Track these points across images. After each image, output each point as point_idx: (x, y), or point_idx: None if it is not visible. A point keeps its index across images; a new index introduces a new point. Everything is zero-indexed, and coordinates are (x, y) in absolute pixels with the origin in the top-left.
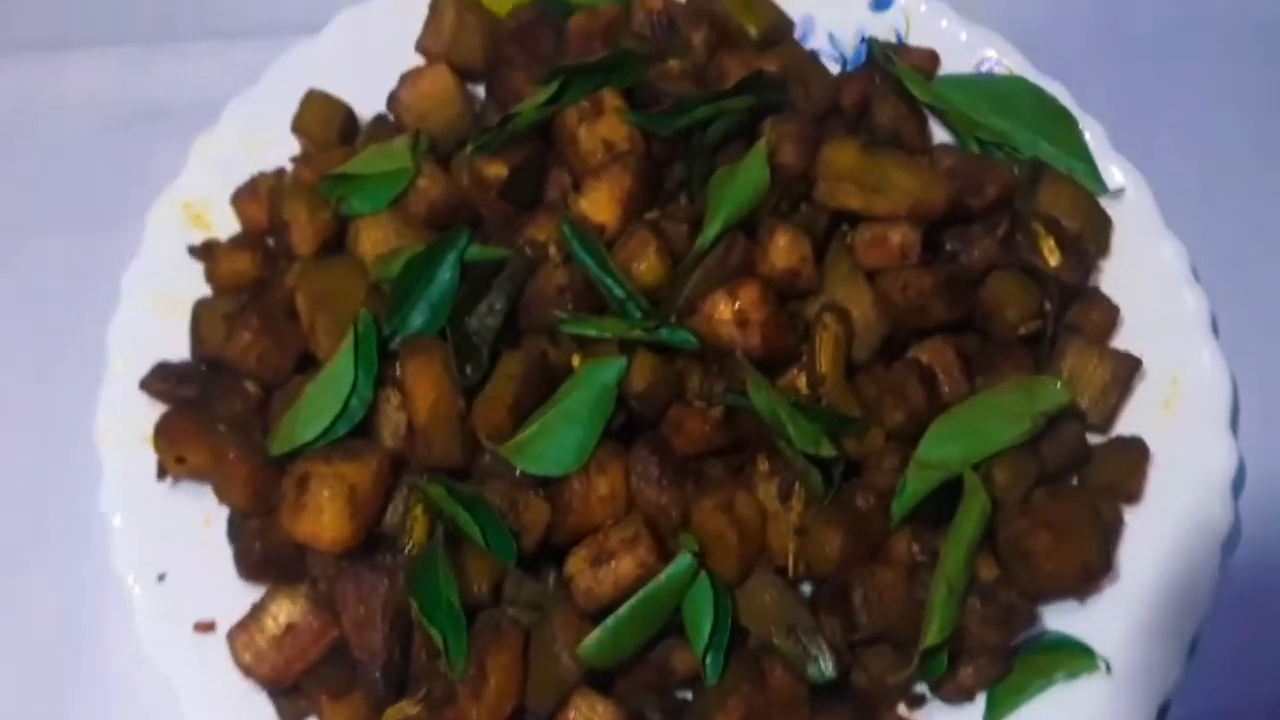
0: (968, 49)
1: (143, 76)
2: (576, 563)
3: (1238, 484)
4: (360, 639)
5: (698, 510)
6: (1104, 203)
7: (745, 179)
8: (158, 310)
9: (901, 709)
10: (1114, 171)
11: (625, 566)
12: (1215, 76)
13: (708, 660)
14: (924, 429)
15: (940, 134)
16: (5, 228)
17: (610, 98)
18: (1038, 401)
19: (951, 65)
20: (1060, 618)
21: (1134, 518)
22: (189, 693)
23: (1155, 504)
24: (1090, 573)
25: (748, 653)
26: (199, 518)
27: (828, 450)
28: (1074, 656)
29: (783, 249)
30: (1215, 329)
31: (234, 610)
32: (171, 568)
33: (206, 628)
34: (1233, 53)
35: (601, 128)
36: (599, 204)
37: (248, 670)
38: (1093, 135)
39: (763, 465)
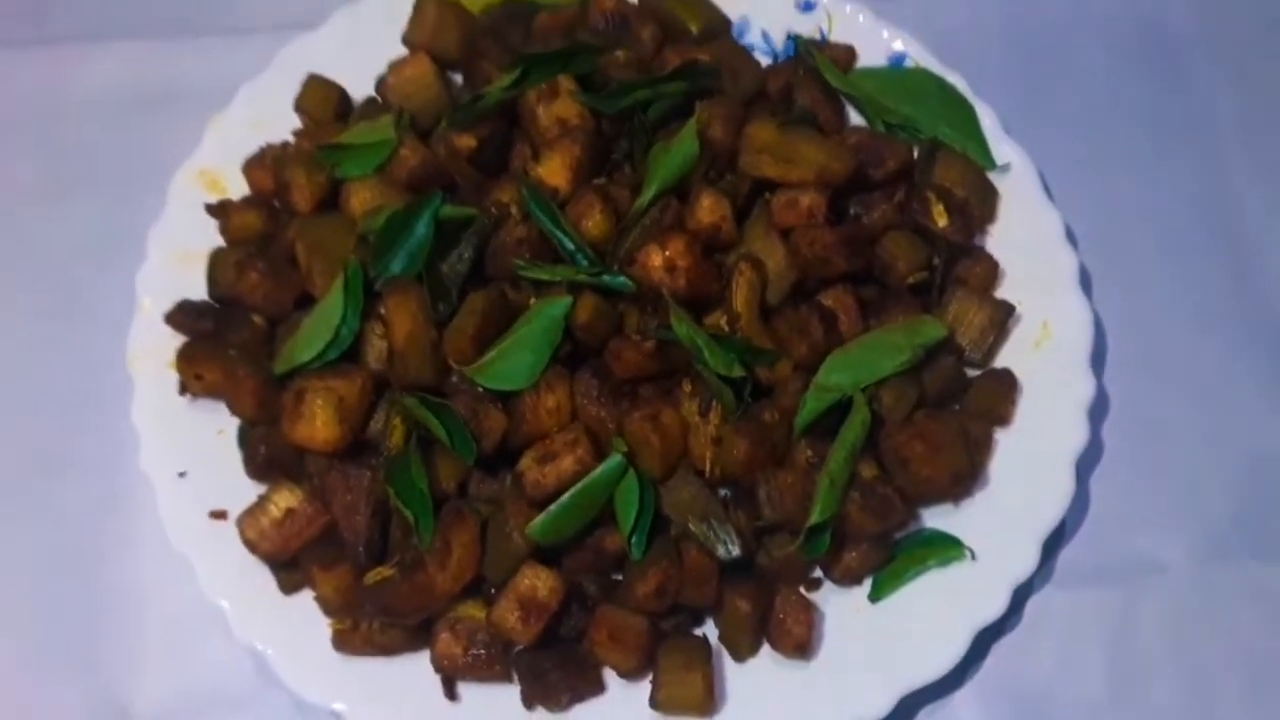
0: (882, 44)
1: (162, 66)
2: (527, 461)
3: (1098, 411)
4: (347, 522)
5: (629, 421)
6: (993, 177)
7: (679, 151)
8: (178, 261)
9: (802, 590)
10: (1003, 150)
11: (567, 463)
12: (1099, 73)
13: (633, 540)
14: (824, 360)
15: (856, 119)
16: (49, 191)
17: (565, 82)
18: (918, 336)
19: (867, 58)
20: (938, 519)
21: (1004, 437)
22: (204, 569)
23: (1023, 426)
24: (959, 477)
25: (668, 538)
26: (213, 429)
27: (737, 371)
28: (945, 547)
29: (706, 207)
30: (1088, 284)
31: (242, 503)
32: (190, 468)
33: (219, 516)
34: (1116, 51)
35: (557, 107)
36: (553, 171)
37: (252, 547)
38: (987, 119)
39: (686, 387)
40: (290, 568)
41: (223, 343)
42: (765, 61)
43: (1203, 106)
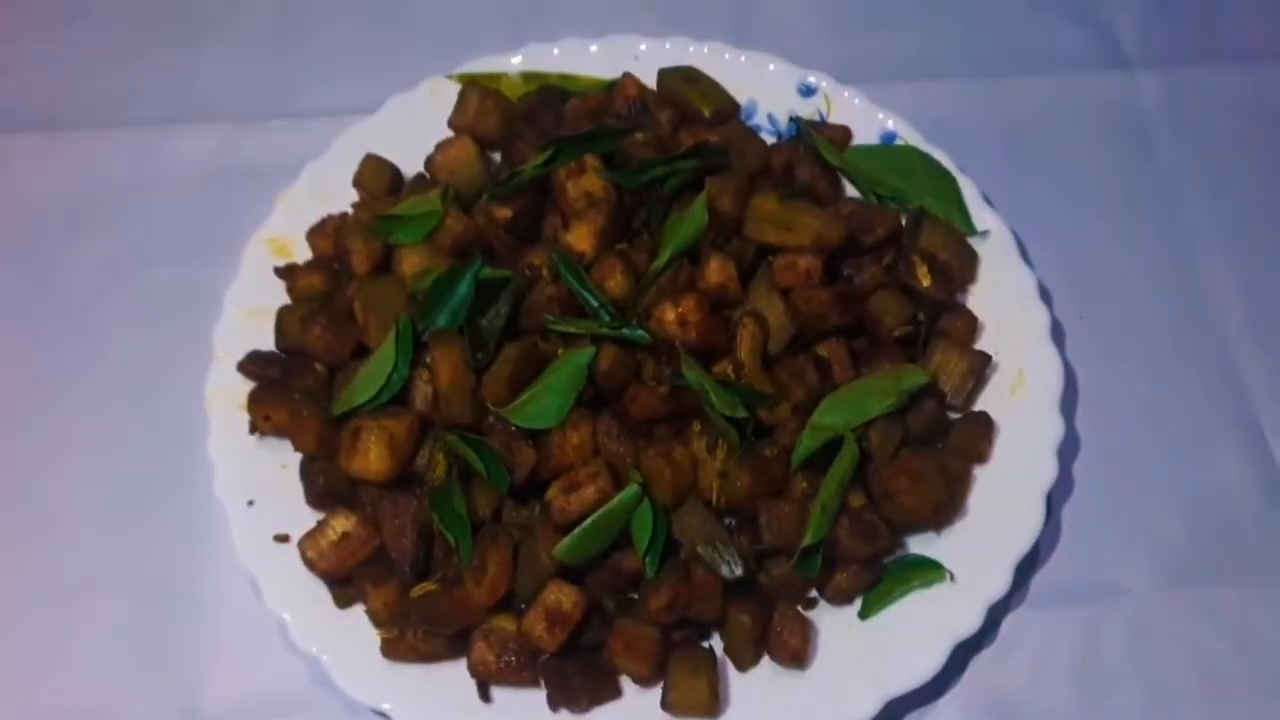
0: (875, 124)
1: (237, 146)
2: (554, 491)
3: (1068, 450)
4: (395, 544)
5: (644, 457)
6: (973, 242)
7: (691, 220)
8: (250, 317)
9: (798, 608)
10: (983, 218)
11: (589, 493)
12: (1073, 148)
13: (647, 560)
14: (819, 403)
15: (852, 190)
16: (139, 256)
17: (591, 160)
18: (903, 383)
19: (862, 137)
20: (921, 545)
21: (982, 473)
22: (268, 585)
23: (999, 463)
24: (940, 508)
25: (679, 560)
26: (278, 464)
27: (741, 413)
28: (928, 570)
29: (715, 269)
30: (1061, 336)
31: (303, 529)
32: (257, 498)
33: (282, 539)
34: (1088, 128)
35: (584, 182)
36: (580, 238)
37: (311, 566)
38: (969, 190)
39: (696, 427)
40: (345, 584)
41: (288, 388)
42: (770, 140)
43: (1168, 177)
